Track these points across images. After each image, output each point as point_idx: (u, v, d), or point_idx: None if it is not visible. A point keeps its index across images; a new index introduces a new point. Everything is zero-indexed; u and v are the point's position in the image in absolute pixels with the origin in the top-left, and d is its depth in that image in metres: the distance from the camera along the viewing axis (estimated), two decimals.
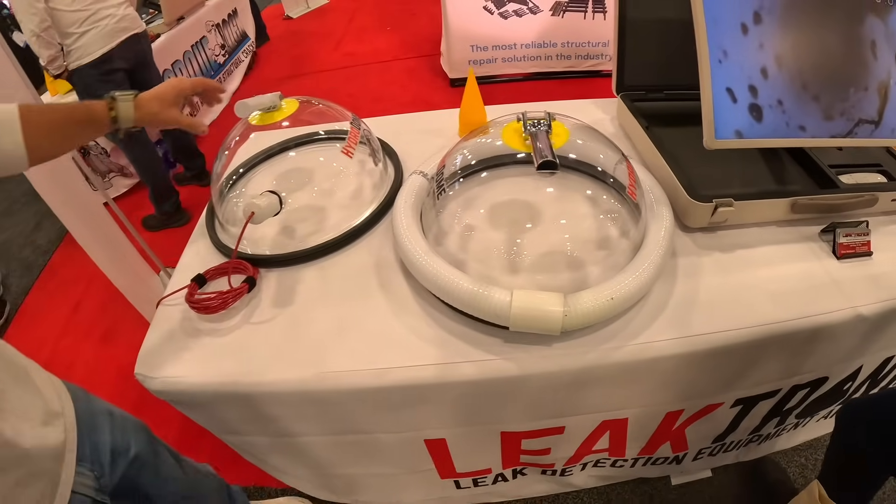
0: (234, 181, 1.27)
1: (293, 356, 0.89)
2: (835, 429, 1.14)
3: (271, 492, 1.64)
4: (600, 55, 3.46)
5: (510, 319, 0.80)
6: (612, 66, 1.38)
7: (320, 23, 5.32)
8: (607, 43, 3.39)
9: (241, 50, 4.33)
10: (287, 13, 5.58)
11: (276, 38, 5.03)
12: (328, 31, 5.03)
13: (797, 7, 1.00)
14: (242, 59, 4.31)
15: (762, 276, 0.97)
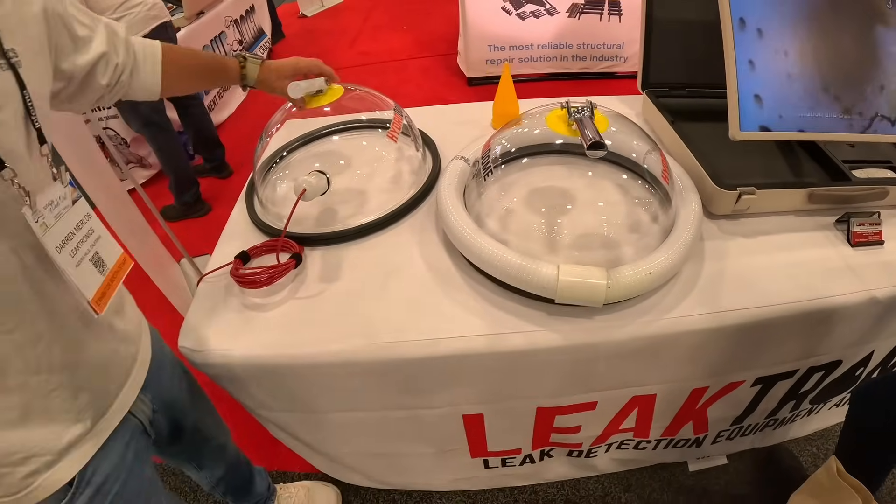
0: (275, 164, 1.34)
1: (343, 328, 0.95)
2: (850, 407, 1.21)
3: (294, 476, 1.71)
4: (615, 57, 3.55)
5: (557, 292, 0.88)
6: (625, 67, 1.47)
7: (335, 21, 5.41)
8: (622, 45, 3.48)
9: (258, 46, 4.43)
10: (302, 11, 5.67)
11: (292, 36, 5.13)
12: (343, 30, 5.13)
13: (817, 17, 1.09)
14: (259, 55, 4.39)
15: (783, 259, 1.05)
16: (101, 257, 0.72)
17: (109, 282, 0.72)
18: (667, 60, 1.45)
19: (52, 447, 0.72)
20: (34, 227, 0.61)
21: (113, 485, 0.80)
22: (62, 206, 0.67)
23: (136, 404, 0.87)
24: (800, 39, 1.07)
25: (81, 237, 0.69)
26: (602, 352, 0.95)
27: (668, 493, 1.60)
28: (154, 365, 0.91)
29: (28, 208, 0.61)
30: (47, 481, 0.72)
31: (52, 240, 0.64)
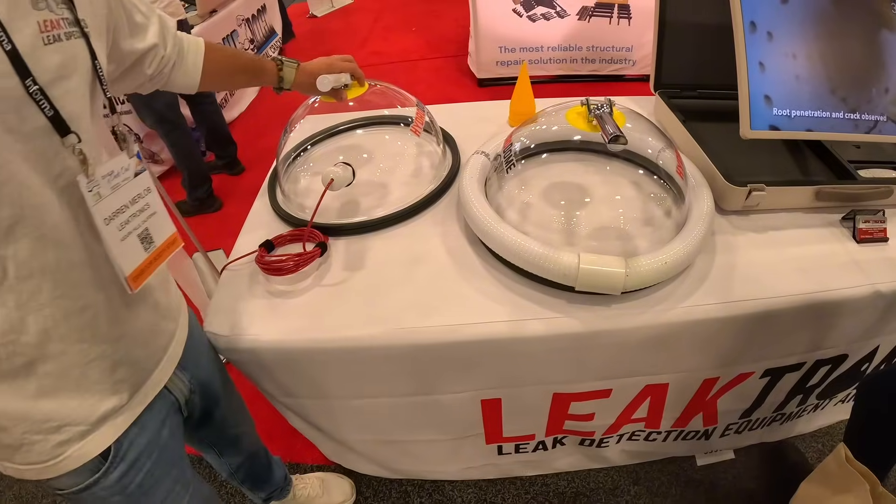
0: (299, 156, 1.41)
1: (368, 314, 1.01)
2: (857, 397, 1.25)
3: (308, 468, 1.76)
4: (624, 59, 3.62)
5: (577, 279, 0.94)
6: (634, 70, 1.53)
7: (345, 22, 5.48)
8: (631, 48, 3.55)
9: (269, 45, 4.52)
10: (312, 11, 5.76)
11: (302, 36, 5.21)
12: (353, 30, 5.20)
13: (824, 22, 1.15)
14: (270, 54, 4.45)
15: (791, 253, 1.11)
16: (151, 234, 0.75)
17: (152, 260, 0.75)
18: (679, 62, 1.50)
19: (86, 417, 0.73)
20: (86, 197, 0.64)
21: (146, 461, 0.83)
22: (122, 178, 0.69)
23: (174, 381, 0.90)
24: (808, 43, 1.13)
25: (135, 211, 0.72)
26: (619, 339, 1.01)
27: (677, 487, 1.65)
28: (191, 345, 0.94)
29: (83, 176, 0.64)
30: (79, 451, 0.74)
31: (103, 211, 0.66)
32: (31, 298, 0.63)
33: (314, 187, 1.28)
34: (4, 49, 0.54)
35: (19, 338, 0.64)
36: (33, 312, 0.64)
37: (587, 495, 1.64)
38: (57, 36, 0.60)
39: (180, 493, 0.92)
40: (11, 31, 0.55)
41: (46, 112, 0.58)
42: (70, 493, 0.77)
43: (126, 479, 0.80)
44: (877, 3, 1.18)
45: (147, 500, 0.85)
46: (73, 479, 0.76)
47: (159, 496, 0.87)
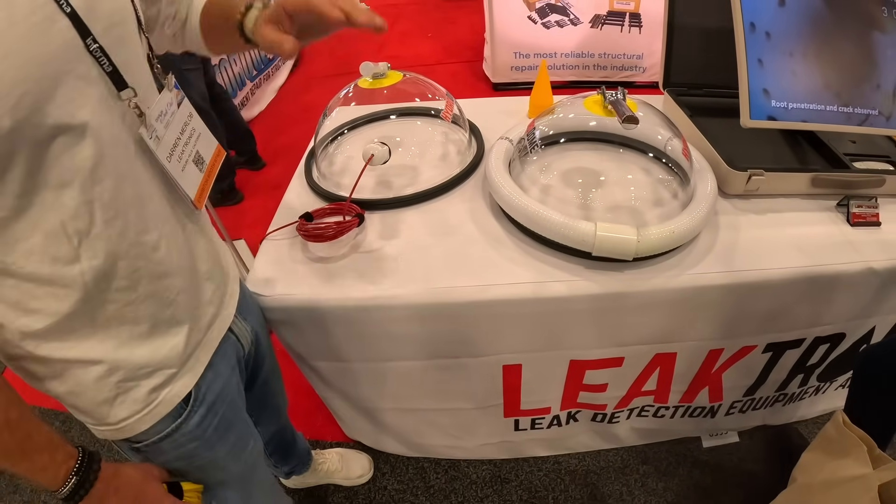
0: (336, 139, 1.57)
1: (402, 276, 1.15)
2: (855, 367, 1.37)
3: (325, 444, 1.88)
4: (634, 67, 3.79)
5: (594, 244, 1.09)
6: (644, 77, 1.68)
7: None
8: (641, 55, 3.72)
9: None
10: None
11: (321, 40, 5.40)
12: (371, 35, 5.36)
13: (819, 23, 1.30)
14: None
15: (789, 233, 1.26)
16: (202, 154, 0.83)
17: (207, 177, 0.84)
18: (686, 62, 1.66)
19: (175, 358, 0.79)
20: (149, 144, 0.69)
21: (221, 406, 0.90)
22: (170, 114, 0.75)
23: (239, 327, 0.98)
24: (804, 42, 1.28)
25: (186, 139, 0.79)
26: (631, 301, 1.16)
27: (683, 467, 1.78)
28: (244, 299, 1.03)
29: (144, 128, 0.69)
30: (170, 395, 0.80)
31: (164, 151, 0.72)
32: (119, 240, 0.68)
33: (350, 167, 1.44)
34: (64, 11, 0.57)
35: (111, 284, 0.69)
36: (123, 256, 0.68)
37: (597, 473, 1.77)
38: None
39: (247, 438, 1.01)
40: None
41: (105, 68, 0.63)
42: (152, 443, 0.82)
43: (205, 423, 0.87)
44: (868, 7, 1.34)
45: (221, 444, 0.92)
46: (158, 426, 0.81)
47: (231, 440, 0.95)
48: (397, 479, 1.78)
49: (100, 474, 0.73)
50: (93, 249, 0.65)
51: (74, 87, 0.59)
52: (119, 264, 0.69)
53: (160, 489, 0.83)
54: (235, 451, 0.97)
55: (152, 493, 0.81)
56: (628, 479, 1.75)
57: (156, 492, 0.82)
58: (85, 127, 0.61)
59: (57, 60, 0.57)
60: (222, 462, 0.95)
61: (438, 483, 1.76)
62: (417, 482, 1.77)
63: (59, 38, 0.57)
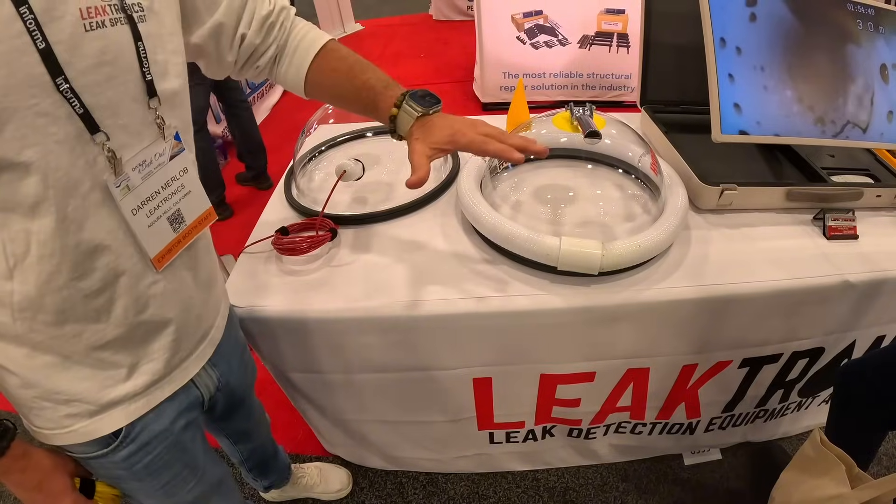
0: (314, 157, 1.55)
1: (372, 289, 1.13)
2: (835, 385, 1.33)
3: (305, 458, 1.84)
4: (623, 86, 3.79)
5: (559, 259, 1.06)
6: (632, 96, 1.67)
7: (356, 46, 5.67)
8: (629, 75, 3.72)
9: None
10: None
11: None
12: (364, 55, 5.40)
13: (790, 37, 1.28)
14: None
15: (762, 246, 1.22)
16: (182, 214, 0.77)
17: (181, 238, 0.78)
18: (662, 80, 1.64)
19: (96, 399, 0.75)
20: (113, 192, 0.66)
21: (157, 446, 0.85)
22: (155, 164, 0.71)
23: (202, 377, 0.91)
24: (775, 57, 1.26)
25: (167, 195, 0.74)
26: (598, 315, 1.12)
27: (664, 485, 1.72)
28: (227, 346, 0.97)
29: (112, 175, 0.65)
30: (85, 429, 0.76)
31: (130, 203, 0.68)
32: (50, 279, 0.65)
33: (326, 185, 1.40)
34: (38, 47, 0.55)
35: (36, 315, 0.67)
36: (52, 293, 0.66)
37: (576, 490, 1.71)
38: (101, 23, 0.61)
39: (187, 477, 0.94)
40: (48, 24, 0.55)
41: (77, 109, 0.60)
42: (78, 458, 0.81)
43: (133, 459, 0.83)
44: (842, 19, 1.32)
45: (151, 480, 0.88)
46: (81, 448, 0.79)
47: (164, 478, 0.90)
48: (376, 494, 1.73)
49: (7, 451, 0.71)
50: (24, 276, 0.64)
51: (29, 125, 0.57)
52: (46, 300, 0.66)
53: (67, 482, 0.80)
54: (169, 488, 0.91)
55: (57, 484, 0.79)
56: (608, 496, 1.70)
57: (61, 484, 0.79)
58: (29, 165, 0.58)
59: (14, 94, 0.55)
60: (153, 493, 0.90)
61: (416, 499, 1.71)
62: (396, 497, 1.72)
63: (23, 72, 0.55)
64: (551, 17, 3.58)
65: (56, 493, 0.79)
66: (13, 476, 0.74)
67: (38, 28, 0.54)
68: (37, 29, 0.54)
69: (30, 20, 0.54)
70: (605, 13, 3.55)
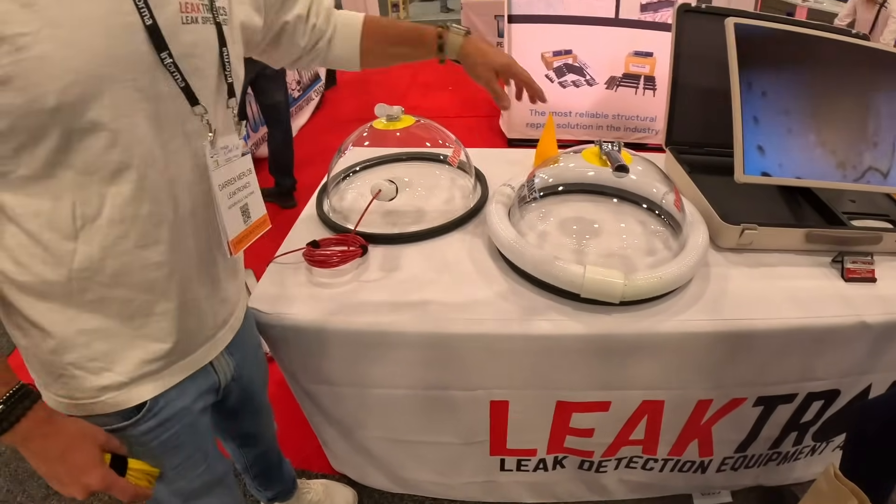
0: (348, 176, 1.61)
1: (398, 305, 1.17)
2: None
3: (312, 475, 1.84)
4: (647, 129, 3.84)
5: (583, 286, 1.09)
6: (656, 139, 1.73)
7: (385, 76, 5.87)
8: (654, 118, 3.77)
9: (313, 89, 4.91)
10: None
11: (343, 84, 5.64)
12: (393, 84, 5.59)
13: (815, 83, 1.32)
14: (313, 97, 4.91)
15: (781, 285, 1.24)
16: (249, 209, 0.85)
17: (249, 232, 0.85)
18: (688, 122, 1.68)
19: (129, 370, 0.78)
20: (208, 162, 0.73)
21: (175, 424, 0.87)
22: (233, 154, 0.79)
23: (221, 362, 0.96)
24: (799, 101, 1.30)
25: (240, 186, 0.82)
26: (618, 343, 1.14)
27: None
28: (243, 339, 1.02)
29: (209, 144, 0.73)
30: (115, 399, 0.78)
31: (219, 177, 0.76)
32: (115, 243, 0.70)
33: (356, 205, 1.47)
34: (145, 24, 0.62)
35: (94, 276, 0.70)
36: (114, 257, 0.70)
37: None
38: (194, 18, 0.69)
39: (198, 461, 0.96)
40: (155, 8, 0.63)
41: (179, 83, 0.68)
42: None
43: (152, 435, 0.85)
44: (866, 67, 1.36)
45: (166, 458, 0.89)
46: (101, 419, 0.79)
47: (178, 459, 0.92)
48: None
49: (29, 413, 0.69)
50: (90, 237, 0.68)
51: (126, 97, 0.63)
52: (107, 263, 0.70)
53: (95, 453, 0.76)
54: (180, 469, 0.93)
55: (84, 453, 0.75)
56: None
57: (88, 454, 0.75)
58: (118, 133, 0.64)
59: (117, 66, 0.61)
60: (164, 473, 0.91)
61: None
62: None
63: (128, 48, 0.62)
64: (580, 56, 3.67)
65: (81, 465, 0.75)
66: (34, 443, 0.71)
67: (147, 7, 0.62)
68: (146, 7, 0.62)
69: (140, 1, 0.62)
70: (634, 55, 3.63)
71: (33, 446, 0.71)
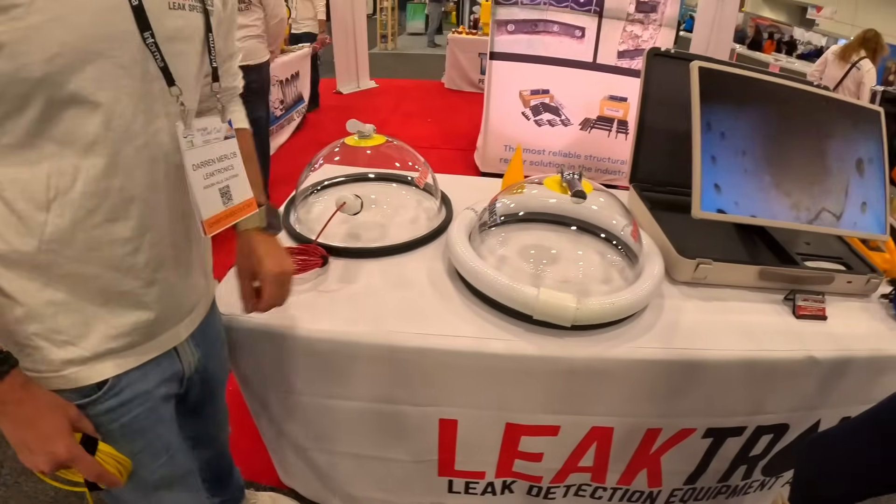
0: (316, 190, 1.62)
1: (353, 317, 1.16)
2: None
3: (260, 487, 1.80)
4: (617, 171, 3.94)
5: (535, 308, 1.10)
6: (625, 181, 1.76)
7: (368, 102, 5.96)
8: (625, 161, 3.85)
9: (295, 110, 4.97)
10: (338, 88, 6.32)
11: (326, 108, 5.71)
12: (375, 111, 5.67)
13: (772, 127, 1.37)
14: (295, 118, 4.97)
15: (733, 319, 1.26)
16: (231, 191, 0.85)
17: (228, 214, 0.85)
18: (652, 161, 1.73)
19: (94, 345, 0.78)
20: (181, 142, 0.75)
21: (137, 408, 0.86)
22: (213, 136, 0.81)
23: (186, 350, 0.95)
24: (757, 143, 1.34)
25: (220, 168, 0.82)
26: (568, 367, 1.14)
27: None
28: (209, 332, 1.03)
29: (181, 123, 0.75)
30: (77, 374, 0.78)
31: (193, 157, 0.77)
32: (86, 217, 0.71)
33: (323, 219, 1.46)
34: (132, 4, 0.66)
35: (63, 249, 0.71)
36: (85, 230, 0.72)
37: None
38: (181, 5, 0.74)
39: (159, 451, 0.94)
40: None
41: (158, 62, 0.71)
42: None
43: (112, 415, 0.83)
44: (823, 114, 1.42)
45: (125, 443, 0.86)
46: (64, 395, 0.78)
47: (138, 445, 0.89)
48: None
49: (7, 377, 0.69)
50: (62, 209, 0.69)
51: (108, 72, 0.66)
52: (78, 236, 0.71)
53: (64, 424, 0.76)
54: (141, 457, 0.90)
55: (54, 423, 0.75)
56: None
57: (58, 423, 0.76)
58: (97, 106, 0.67)
59: (102, 43, 0.65)
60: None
61: None
62: None
63: (114, 27, 0.65)
64: (557, 97, 3.77)
65: (50, 434, 0.75)
66: (8, 407, 0.72)
67: None
68: None
69: None
70: (609, 99, 3.74)
71: (7, 409, 0.72)
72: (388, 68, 7.45)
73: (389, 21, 10.53)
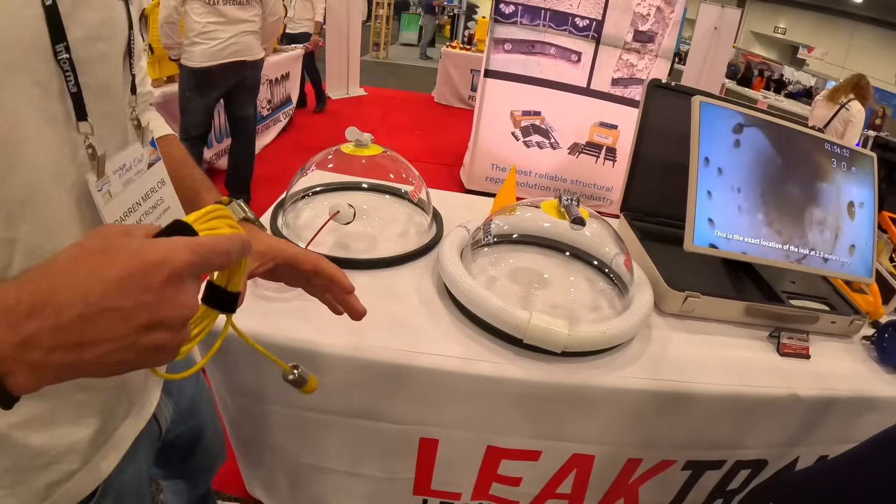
0: (306, 196, 1.59)
1: (339, 328, 1.12)
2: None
3: (225, 497, 1.81)
4: (603, 198, 3.98)
5: (527, 332, 1.09)
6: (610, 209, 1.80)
7: (356, 110, 5.96)
8: (611, 188, 3.92)
9: (282, 111, 4.94)
10: (327, 93, 6.26)
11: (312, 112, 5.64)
12: (363, 119, 5.68)
13: (769, 167, 1.39)
14: (281, 119, 4.96)
15: (718, 353, 1.27)
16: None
17: None
18: (644, 191, 1.74)
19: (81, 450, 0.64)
20: (95, 198, 0.55)
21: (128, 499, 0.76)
22: (135, 171, 0.62)
23: (160, 408, 0.85)
24: (752, 181, 1.36)
25: (147, 208, 0.65)
26: (555, 393, 1.13)
27: None
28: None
29: (92, 174, 0.55)
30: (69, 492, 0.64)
31: (114, 212, 0.58)
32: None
33: (312, 225, 1.44)
34: (44, 3, 0.47)
35: None
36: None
37: None
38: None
39: None
40: None
41: (71, 87, 0.51)
42: None
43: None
44: (818, 156, 1.45)
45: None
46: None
47: None
48: None
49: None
50: None
51: (25, 94, 0.48)
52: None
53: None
54: None
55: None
56: None
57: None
58: (23, 145, 0.48)
59: (14, 50, 0.46)
60: None
61: None
62: None
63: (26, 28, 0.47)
64: (548, 119, 3.80)
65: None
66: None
67: None
68: None
69: None
70: (599, 125, 3.79)
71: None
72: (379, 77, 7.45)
73: (383, 29, 10.56)
